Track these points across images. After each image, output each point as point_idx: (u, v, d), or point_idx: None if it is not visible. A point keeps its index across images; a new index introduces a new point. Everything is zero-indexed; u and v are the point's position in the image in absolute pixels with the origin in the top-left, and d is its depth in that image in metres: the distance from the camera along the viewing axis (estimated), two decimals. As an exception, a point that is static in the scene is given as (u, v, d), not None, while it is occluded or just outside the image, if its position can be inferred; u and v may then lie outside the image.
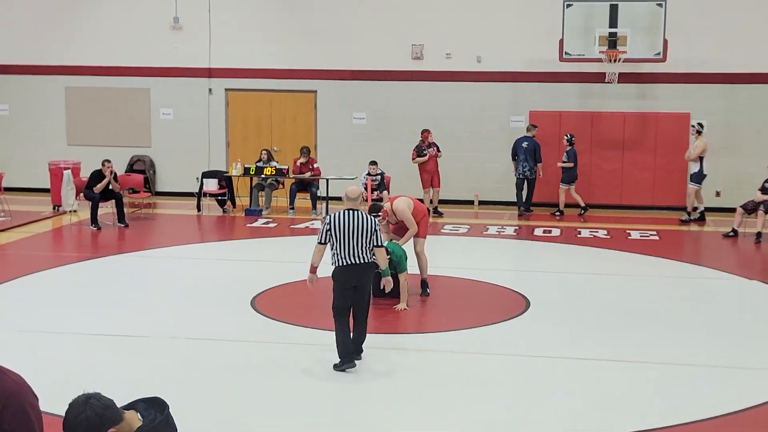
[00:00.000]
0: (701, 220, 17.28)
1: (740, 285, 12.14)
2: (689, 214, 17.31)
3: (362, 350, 8.49)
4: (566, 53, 17.80)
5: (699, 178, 17.15)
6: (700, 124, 17.26)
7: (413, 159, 18.01)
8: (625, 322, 10.09)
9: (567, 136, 18.09)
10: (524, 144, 17.94)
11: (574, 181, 18.06)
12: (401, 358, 8.74)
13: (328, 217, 8.32)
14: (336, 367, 8.21)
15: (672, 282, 12.39)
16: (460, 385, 7.96)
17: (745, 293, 11.75)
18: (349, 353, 8.23)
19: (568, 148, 18.01)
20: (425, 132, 18.04)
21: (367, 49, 19.54)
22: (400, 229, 11.12)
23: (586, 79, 18.76)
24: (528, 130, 18.17)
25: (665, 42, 17.44)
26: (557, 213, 18.04)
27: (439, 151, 18.03)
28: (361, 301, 8.35)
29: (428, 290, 11.18)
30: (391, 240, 10.86)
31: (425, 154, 17.90)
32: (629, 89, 18.71)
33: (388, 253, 10.32)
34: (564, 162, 17.99)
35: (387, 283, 8.82)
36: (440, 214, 17.88)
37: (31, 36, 20.59)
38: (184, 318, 10.11)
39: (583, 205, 18.04)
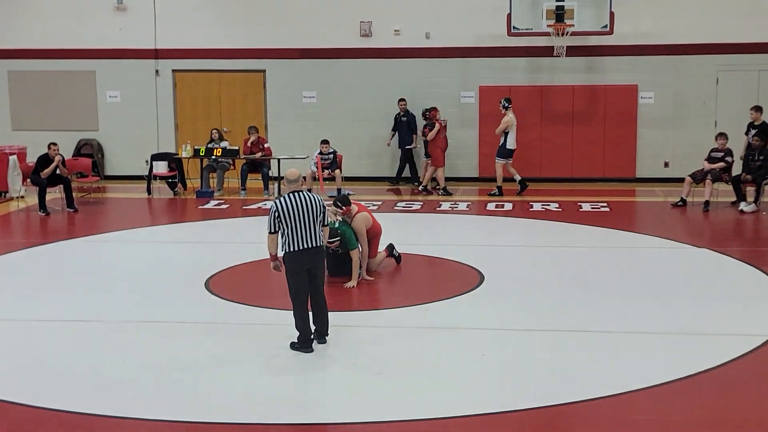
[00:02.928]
0: (523, 189, 17.49)
1: (690, 253, 12.32)
2: (499, 188, 17.45)
3: (327, 333, 8.43)
4: (514, 28, 17.87)
5: (503, 152, 17.43)
6: (506, 99, 17.52)
7: (427, 135, 17.83)
8: (578, 292, 10.19)
9: (423, 111, 18.46)
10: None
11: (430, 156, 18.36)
12: (356, 336, 8.73)
13: (274, 204, 8.12)
14: (292, 346, 8.19)
15: (623, 252, 12.53)
16: (415, 360, 7.98)
17: (695, 261, 11.92)
18: (308, 339, 8.19)
19: (425, 122, 18.27)
20: (433, 110, 17.87)
21: (316, 28, 19.42)
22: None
23: (534, 53, 18.85)
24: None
25: (612, 14, 17.58)
26: (421, 187, 18.11)
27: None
28: (316, 286, 8.27)
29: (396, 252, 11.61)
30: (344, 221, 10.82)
31: (434, 125, 17.65)
32: (577, 62, 18.85)
33: (337, 234, 10.33)
34: (424, 137, 18.26)
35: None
36: (450, 194, 17.66)
37: (-29, 19, 20.15)
38: (137, 302, 10.00)
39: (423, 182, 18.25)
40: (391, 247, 11.58)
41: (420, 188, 17.96)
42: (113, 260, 12.44)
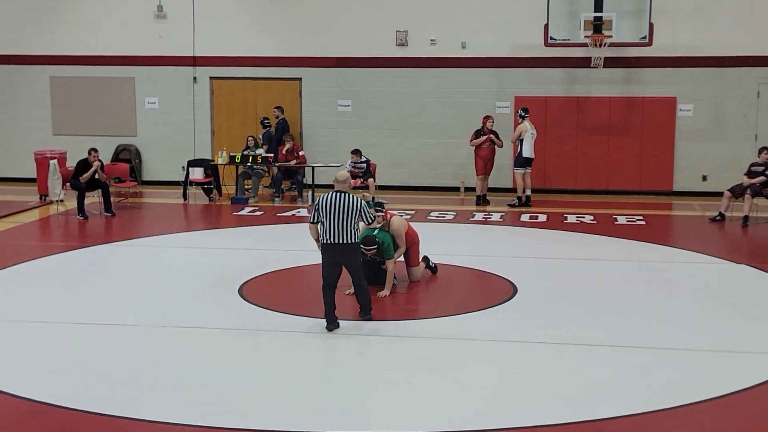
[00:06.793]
0: (527, 204, 17.30)
1: (728, 269, 12.17)
2: (519, 198, 17.34)
3: (370, 308, 9.30)
4: (551, 38, 17.79)
5: (519, 161, 17.34)
6: (523, 109, 17.48)
7: (471, 142, 17.78)
8: (614, 307, 10.11)
9: (262, 120, 18.73)
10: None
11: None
12: (387, 346, 8.73)
13: (318, 198, 9.06)
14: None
15: (660, 266, 12.41)
16: (447, 371, 7.96)
17: (733, 277, 11.78)
18: (330, 317, 8.96)
19: (264, 131, 18.32)
20: (486, 118, 17.81)
21: (352, 37, 19.48)
22: None
23: (571, 64, 18.76)
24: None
25: (651, 26, 17.45)
26: (278, 194, 18.11)
27: (498, 138, 17.66)
28: (352, 272, 9.14)
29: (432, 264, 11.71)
30: (382, 228, 10.81)
31: (483, 134, 17.58)
32: (615, 74, 18.73)
33: (375, 242, 10.33)
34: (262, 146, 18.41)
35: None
36: (488, 203, 17.62)
37: (15, 26, 20.47)
38: (171, 307, 10.08)
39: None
40: (426, 259, 11.56)
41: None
42: (149, 265, 12.54)
